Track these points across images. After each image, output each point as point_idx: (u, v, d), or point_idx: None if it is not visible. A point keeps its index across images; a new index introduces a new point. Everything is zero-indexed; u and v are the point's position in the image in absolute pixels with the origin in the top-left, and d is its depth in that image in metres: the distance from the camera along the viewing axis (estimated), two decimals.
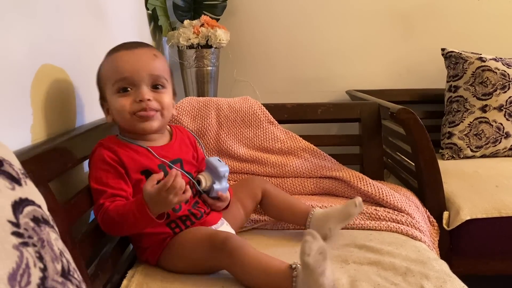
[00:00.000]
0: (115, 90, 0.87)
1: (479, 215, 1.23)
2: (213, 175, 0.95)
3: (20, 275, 0.32)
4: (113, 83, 0.87)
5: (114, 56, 0.88)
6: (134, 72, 0.86)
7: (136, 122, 0.88)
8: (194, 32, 1.66)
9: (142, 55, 0.89)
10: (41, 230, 0.37)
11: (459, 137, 1.63)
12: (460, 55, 1.66)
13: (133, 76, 0.86)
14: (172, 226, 0.90)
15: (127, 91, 0.87)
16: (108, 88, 0.88)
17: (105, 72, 0.89)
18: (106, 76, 0.88)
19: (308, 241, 0.72)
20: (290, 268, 0.76)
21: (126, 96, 0.87)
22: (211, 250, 0.82)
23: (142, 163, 0.88)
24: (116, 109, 0.88)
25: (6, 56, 0.73)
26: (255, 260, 0.79)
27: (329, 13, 1.91)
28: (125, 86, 0.87)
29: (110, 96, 0.88)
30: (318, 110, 1.42)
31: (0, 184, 0.36)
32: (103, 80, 0.90)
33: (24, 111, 0.80)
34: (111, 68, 0.88)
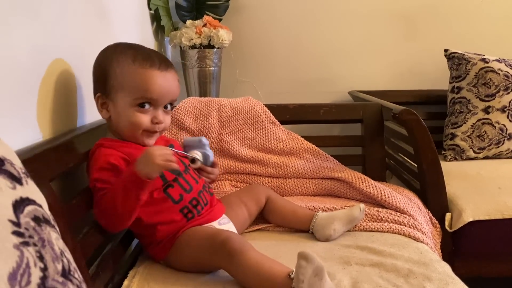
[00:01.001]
0: (135, 104, 0.88)
1: (481, 217, 1.23)
2: (198, 148, 1.02)
3: (21, 274, 0.31)
4: (137, 97, 0.88)
5: (147, 73, 0.88)
6: (160, 96, 0.89)
7: (142, 136, 0.91)
8: (196, 32, 1.66)
9: (171, 81, 0.92)
10: (42, 230, 0.37)
11: (461, 138, 1.63)
12: (463, 56, 1.65)
13: (158, 99, 0.89)
14: (185, 212, 0.91)
15: (144, 108, 0.89)
16: (126, 96, 0.88)
17: (129, 80, 0.88)
18: (129, 85, 0.88)
19: (302, 267, 0.73)
20: (289, 278, 0.75)
21: (144, 113, 0.89)
22: (211, 250, 0.83)
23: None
24: (131, 122, 0.89)
25: (10, 56, 0.73)
26: (254, 264, 0.78)
27: (331, 14, 1.91)
28: (145, 103, 0.89)
29: (124, 104, 0.88)
30: (320, 111, 1.41)
31: (1, 183, 0.36)
32: (121, 84, 0.88)
33: (28, 111, 0.80)
34: (140, 83, 0.87)
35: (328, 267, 0.89)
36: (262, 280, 0.77)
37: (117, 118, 0.90)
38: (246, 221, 1.06)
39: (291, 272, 0.76)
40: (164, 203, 0.90)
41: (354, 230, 1.08)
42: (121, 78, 0.88)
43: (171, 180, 0.92)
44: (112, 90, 0.89)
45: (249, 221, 1.08)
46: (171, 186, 0.91)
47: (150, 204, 0.88)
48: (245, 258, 0.79)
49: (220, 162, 1.34)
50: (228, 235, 0.83)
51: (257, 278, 0.78)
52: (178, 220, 0.90)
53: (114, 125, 0.92)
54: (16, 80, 0.76)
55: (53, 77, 0.89)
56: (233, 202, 1.04)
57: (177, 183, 0.92)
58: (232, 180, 1.34)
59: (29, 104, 0.80)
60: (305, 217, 1.06)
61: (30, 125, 0.81)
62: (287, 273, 0.76)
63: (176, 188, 0.92)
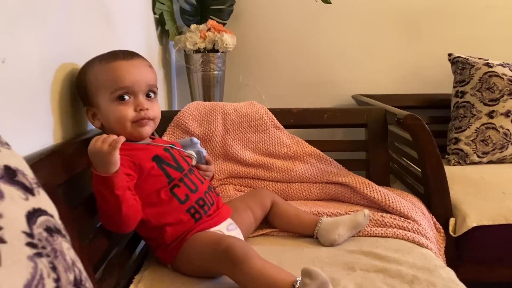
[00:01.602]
0: (113, 98, 0.90)
1: (485, 222, 1.23)
2: (191, 148, 1.05)
3: (35, 286, 0.32)
4: (113, 91, 0.89)
5: (113, 65, 0.90)
6: (135, 82, 0.90)
7: (134, 128, 0.92)
8: (200, 37, 1.67)
9: (140, 66, 0.93)
10: (54, 240, 0.38)
11: (465, 142, 1.63)
12: (467, 60, 1.66)
13: (133, 85, 0.90)
14: (192, 212, 0.92)
15: (125, 100, 0.90)
16: (104, 95, 0.90)
17: (101, 79, 0.89)
18: (102, 83, 0.89)
19: (306, 285, 0.73)
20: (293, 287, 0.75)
21: (125, 105, 0.90)
22: (214, 257, 0.83)
23: (150, 151, 0.92)
24: (116, 117, 0.90)
25: (20, 61, 0.74)
26: (257, 272, 0.78)
27: (335, 18, 1.91)
28: (123, 94, 0.90)
29: (105, 103, 0.90)
30: (324, 115, 1.42)
31: (14, 194, 0.37)
32: (96, 86, 0.90)
33: (38, 115, 0.81)
34: (110, 76, 0.89)
35: (333, 273, 0.89)
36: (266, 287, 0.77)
37: (107, 121, 0.91)
38: (252, 226, 1.07)
39: (295, 282, 0.75)
40: (171, 204, 0.91)
41: (359, 236, 1.08)
42: (95, 81, 0.90)
43: (177, 179, 0.93)
44: (93, 97, 0.91)
45: (255, 226, 1.09)
46: (177, 186, 0.92)
47: (157, 204, 0.89)
48: (248, 266, 0.78)
49: (224, 166, 1.34)
50: (231, 242, 0.83)
51: (260, 285, 0.78)
52: (185, 221, 0.91)
53: (108, 130, 0.92)
54: (26, 85, 0.77)
55: (61, 83, 0.90)
56: (238, 207, 1.05)
57: (183, 183, 0.93)
58: (236, 184, 1.34)
59: (38, 109, 0.81)
60: (310, 222, 1.07)
61: (40, 130, 0.82)
62: (291, 283, 0.76)
63: (182, 188, 0.92)
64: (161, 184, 0.90)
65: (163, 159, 0.92)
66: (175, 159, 0.95)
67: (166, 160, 0.93)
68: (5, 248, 0.31)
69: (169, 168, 0.92)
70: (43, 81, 0.83)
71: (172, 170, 0.92)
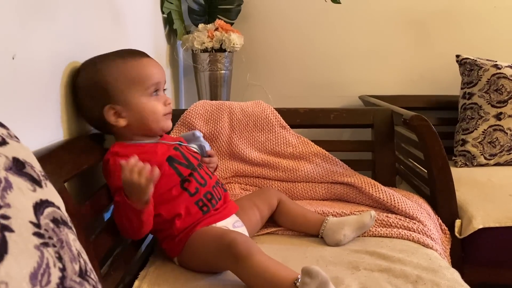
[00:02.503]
0: (148, 93, 0.92)
1: (491, 224, 1.22)
2: (193, 142, 1.07)
3: (41, 274, 0.33)
4: (147, 86, 0.92)
5: (142, 62, 0.93)
6: (161, 78, 0.95)
7: (165, 121, 0.96)
8: (208, 36, 1.68)
9: (159, 64, 0.97)
10: (60, 231, 0.38)
11: (472, 144, 1.62)
12: (475, 62, 1.65)
13: (160, 82, 0.95)
14: (200, 205, 0.94)
15: (158, 95, 0.95)
16: (136, 91, 0.91)
17: (133, 75, 0.91)
18: (135, 79, 0.91)
19: (306, 284, 0.73)
20: (294, 285, 0.75)
21: (157, 100, 0.94)
22: (217, 252, 0.84)
23: (163, 152, 0.94)
24: (151, 111, 0.93)
25: (30, 58, 0.75)
26: (260, 269, 0.78)
27: (342, 18, 1.91)
28: (156, 90, 0.94)
29: (138, 98, 0.91)
30: (331, 115, 1.42)
31: (22, 185, 0.37)
32: (126, 83, 0.90)
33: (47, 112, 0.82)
34: (143, 72, 0.92)
35: (337, 272, 0.89)
36: (267, 285, 0.77)
37: (139, 116, 0.91)
38: (258, 224, 1.07)
39: (296, 279, 0.76)
40: (181, 196, 0.93)
41: (363, 236, 1.08)
42: (123, 78, 0.90)
43: (187, 175, 0.94)
44: (120, 95, 0.89)
45: (261, 224, 1.09)
46: (188, 181, 0.94)
47: (170, 201, 0.91)
48: (250, 262, 0.79)
49: (230, 165, 1.35)
50: (234, 237, 0.83)
51: (262, 282, 0.78)
52: (194, 213, 0.92)
53: (133, 127, 0.92)
54: (35, 82, 0.78)
55: (69, 80, 0.91)
56: (245, 205, 1.05)
57: (193, 177, 0.95)
58: (242, 183, 1.35)
59: (47, 105, 0.82)
60: (315, 222, 1.07)
61: (48, 126, 0.83)
62: (293, 280, 0.76)
63: (192, 182, 0.94)
64: (173, 183, 0.92)
65: (174, 158, 0.94)
66: (185, 157, 0.97)
67: (177, 159, 0.95)
68: (13, 237, 0.32)
69: (181, 167, 0.94)
70: (52, 78, 0.84)
71: (183, 168, 0.94)
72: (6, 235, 0.32)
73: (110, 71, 0.90)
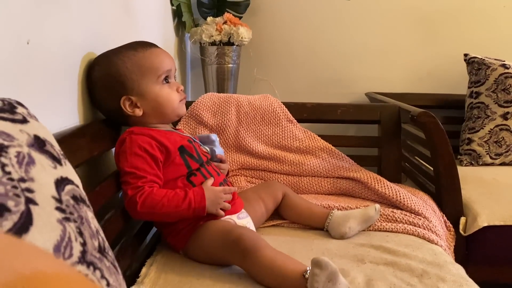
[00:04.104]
0: (160, 81, 0.94)
1: (496, 222, 1.22)
2: (207, 144, 1.09)
3: (64, 247, 0.33)
4: (160, 74, 0.94)
5: (154, 51, 0.95)
6: (172, 66, 0.97)
7: (180, 107, 0.98)
8: (216, 29, 1.68)
9: (168, 53, 0.99)
10: (80, 208, 0.39)
11: (478, 143, 1.62)
12: (483, 61, 1.65)
13: (171, 69, 0.97)
14: None
15: (169, 82, 0.97)
16: (150, 79, 0.93)
17: (147, 65, 0.92)
18: (149, 68, 0.92)
19: (316, 274, 0.73)
20: (303, 278, 0.76)
21: (170, 88, 0.96)
22: (224, 247, 0.84)
23: (176, 141, 0.95)
24: (166, 98, 0.95)
25: (43, 46, 0.76)
26: (268, 262, 0.79)
27: (351, 15, 1.91)
28: (167, 77, 0.96)
29: (152, 87, 0.93)
30: (338, 111, 1.42)
31: (44, 162, 0.38)
32: (140, 73, 0.92)
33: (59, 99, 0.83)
34: (156, 61, 0.94)
35: (343, 264, 0.90)
36: (276, 279, 0.78)
37: (155, 105, 0.94)
38: (263, 216, 1.08)
39: (305, 271, 0.76)
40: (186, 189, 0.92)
41: (369, 230, 1.08)
42: (137, 69, 0.92)
43: (194, 169, 0.95)
44: (134, 85, 0.92)
45: (266, 217, 1.10)
46: (194, 175, 0.94)
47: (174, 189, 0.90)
48: (258, 257, 0.79)
49: (237, 157, 1.35)
50: (241, 233, 0.84)
51: (271, 276, 0.79)
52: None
53: (149, 116, 0.94)
54: (48, 68, 0.78)
55: (81, 68, 0.91)
56: (251, 198, 1.06)
57: (200, 172, 0.95)
58: (247, 176, 1.35)
59: (59, 91, 0.83)
60: (321, 215, 1.07)
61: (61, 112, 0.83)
62: (301, 273, 0.76)
63: (198, 176, 0.95)
64: (179, 173, 0.93)
65: (186, 149, 0.95)
66: (197, 151, 0.98)
67: (189, 151, 0.96)
68: (37, 210, 0.33)
69: (190, 159, 0.95)
70: (64, 64, 0.85)
71: (192, 161, 0.95)
72: (31, 208, 0.32)
73: (123, 63, 0.91)
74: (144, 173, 0.87)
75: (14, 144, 0.36)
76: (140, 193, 0.85)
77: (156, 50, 0.96)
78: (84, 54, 0.92)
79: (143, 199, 0.85)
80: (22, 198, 0.32)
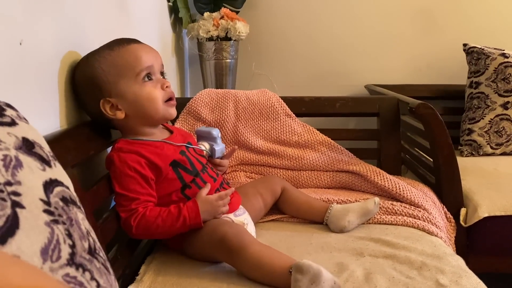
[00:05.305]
0: (140, 80, 0.87)
1: (497, 212, 1.22)
2: (208, 140, 1.05)
3: (52, 250, 0.33)
4: (138, 72, 0.87)
5: (130, 48, 0.88)
6: (154, 61, 0.90)
7: (166, 109, 0.91)
8: (213, 25, 1.67)
9: (150, 48, 0.92)
10: (70, 210, 0.39)
11: (479, 134, 1.61)
12: (483, 50, 1.63)
13: (154, 65, 0.89)
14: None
15: (152, 79, 0.89)
16: (128, 79, 0.86)
17: (121, 64, 0.86)
18: (124, 68, 0.86)
19: (298, 280, 0.73)
20: (290, 274, 0.75)
21: (153, 86, 0.89)
22: (211, 247, 0.84)
23: (167, 155, 0.90)
24: (148, 98, 0.88)
25: (35, 44, 0.76)
26: (255, 260, 0.78)
27: (349, 7, 1.90)
28: (149, 74, 0.89)
29: (131, 87, 0.86)
30: (336, 104, 1.42)
31: (32, 164, 0.38)
32: (115, 73, 0.86)
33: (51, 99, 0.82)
34: (132, 58, 0.87)
35: (342, 258, 0.90)
36: (264, 275, 0.78)
37: (136, 106, 0.87)
38: (262, 211, 1.08)
39: (291, 268, 0.75)
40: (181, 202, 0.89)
41: (368, 223, 1.08)
42: (112, 69, 0.86)
43: (188, 182, 0.92)
44: (112, 87, 0.86)
45: (264, 211, 1.09)
46: (188, 187, 0.92)
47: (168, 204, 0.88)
48: (244, 255, 0.79)
49: (236, 153, 1.35)
50: (225, 231, 0.82)
51: (259, 273, 0.78)
52: None
53: (133, 118, 0.89)
54: (41, 68, 0.78)
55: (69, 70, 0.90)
56: (249, 193, 1.06)
57: (194, 183, 0.92)
58: (247, 171, 1.35)
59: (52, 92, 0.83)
60: (320, 209, 1.07)
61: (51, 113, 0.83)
62: (288, 269, 0.76)
63: (193, 188, 0.92)
64: (173, 188, 0.90)
65: (179, 163, 0.91)
66: (191, 162, 0.93)
67: (182, 164, 0.91)
68: (24, 213, 0.33)
69: (184, 173, 0.91)
70: (58, 65, 0.84)
71: (186, 174, 0.91)
72: (18, 211, 0.32)
73: (98, 64, 0.86)
74: (137, 195, 0.84)
75: (1, 147, 0.36)
76: (133, 217, 0.84)
77: (133, 46, 0.88)
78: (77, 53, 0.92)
79: (137, 222, 0.84)
80: (8, 201, 0.32)
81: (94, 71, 0.86)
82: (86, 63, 0.87)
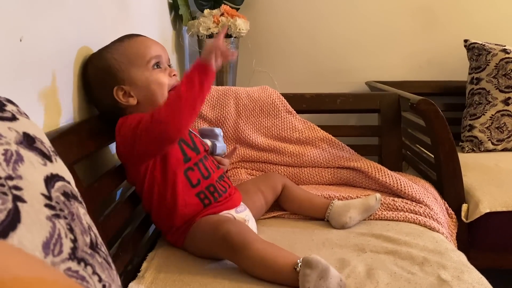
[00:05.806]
0: (150, 67, 0.93)
1: (498, 208, 1.22)
2: (210, 138, 1.07)
3: (53, 244, 0.33)
4: (148, 60, 0.92)
5: (139, 39, 0.95)
6: (162, 52, 0.96)
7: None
8: (214, 22, 1.67)
9: (158, 42, 0.99)
10: (71, 205, 0.39)
11: (480, 130, 1.61)
12: (484, 46, 1.63)
13: (162, 55, 0.95)
14: (201, 197, 0.93)
15: (160, 67, 0.95)
16: (138, 67, 0.92)
17: (132, 53, 0.92)
18: (135, 56, 0.92)
19: (306, 275, 0.73)
20: (294, 271, 0.75)
21: (162, 72, 0.94)
22: (214, 244, 0.84)
23: None
24: (158, 83, 0.93)
25: (35, 41, 0.75)
26: (259, 257, 0.78)
27: (350, 4, 1.90)
28: (158, 62, 0.94)
29: (142, 74, 0.92)
30: (337, 100, 1.41)
31: (33, 159, 0.38)
32: (127, 62, 0.91)
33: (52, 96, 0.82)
34: (142, 47, 0.93)
35: (343, 254, 0.90)
36: (268, 273, 0.78)
37: (146, 91, 0.92)
38: (263, 208, 1.08)
39: (296, 264, 0.75)
40: (183, 186, 0.91)
41: (370, 219, 1.08)
42: (124, 58, 0.92)
43: (191, 158, 0.94)
44: (124, 74, 0.91)
45: (265, 208, 1.09)
46: (191, 169, 0.93)
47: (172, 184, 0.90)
48: (247, 252, 0.79)
49: (237, 150, 1.35)
50: (228, 229, 0.82)
51: (262, 270, 0.78)
52: (194, 204, 0.92)
53: (144, 105, 0.92)
54: (42, 65, 0.78)
55: (77, 64, 0.91)
56: (250, 190, 1.06)
57: (197, 167, 0.94)
58: (248, 168, 1.35)
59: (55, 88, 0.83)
60: (321, 205, 1.07)
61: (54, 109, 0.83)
62: (292, 266, 0.76)
63: (195, 172, 0.93)
64: (177, 162, 0.91)
65: (183, 139, 0.94)
66: (192, 140, 0.97)
67: (184, 139, 0.95)
68: (25, 207, 0.33)
69: (186, 147, 0.94)
70: (58, 61, 0.84)
71: (188, 149, 0.94)
72: (19, 205, 0.32)
73: (111, 55, 0.92)
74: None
75: (2, 142, 0.36)
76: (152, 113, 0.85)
77: (142, 38, 0.96)
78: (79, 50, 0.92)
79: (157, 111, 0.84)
80: (10, 196, 0.32)
81: (107, 61, 0.92)
82: (98, 56, 0.93)
